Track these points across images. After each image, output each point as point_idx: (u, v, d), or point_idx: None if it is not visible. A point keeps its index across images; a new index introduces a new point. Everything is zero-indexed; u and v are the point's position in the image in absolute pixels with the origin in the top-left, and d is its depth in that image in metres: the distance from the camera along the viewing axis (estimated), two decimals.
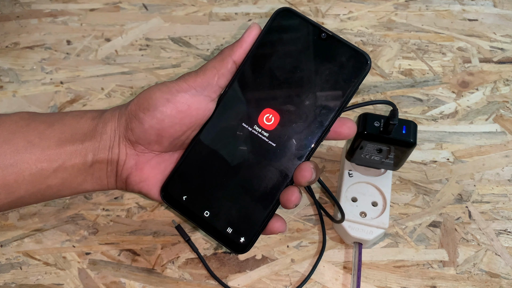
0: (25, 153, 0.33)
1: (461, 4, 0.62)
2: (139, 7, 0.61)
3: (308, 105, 0.33)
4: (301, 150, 0.33)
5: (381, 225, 0.42)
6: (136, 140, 0.35)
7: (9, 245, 0.44)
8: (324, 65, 0.33)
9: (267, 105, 0.34)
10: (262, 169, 0.34)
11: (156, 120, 0.34)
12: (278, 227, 0.35)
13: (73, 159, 0.34)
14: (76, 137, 0.34)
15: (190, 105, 0.34)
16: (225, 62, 0.34)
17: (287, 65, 0.33)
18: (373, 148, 0.41)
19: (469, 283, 0.43)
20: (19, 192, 0.34)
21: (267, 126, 0.34)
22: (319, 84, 0.33)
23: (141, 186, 0.36)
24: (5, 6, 0.61)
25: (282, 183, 0.33)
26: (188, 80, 0.34)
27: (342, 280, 0.43)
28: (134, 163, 0.36)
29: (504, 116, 0.52)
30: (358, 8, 0.61)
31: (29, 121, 0.34)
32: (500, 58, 0.57)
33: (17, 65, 0.56)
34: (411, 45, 0.58)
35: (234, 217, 0.34)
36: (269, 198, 0.34)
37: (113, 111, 0.36)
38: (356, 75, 0.32)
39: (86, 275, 0.43)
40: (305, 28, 0.33)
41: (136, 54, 0.57)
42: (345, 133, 0.34)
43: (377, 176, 0.45)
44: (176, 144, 0.36)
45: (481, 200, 0.47)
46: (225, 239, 0.34)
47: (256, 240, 0.34)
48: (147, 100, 0.34)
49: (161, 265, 0.43)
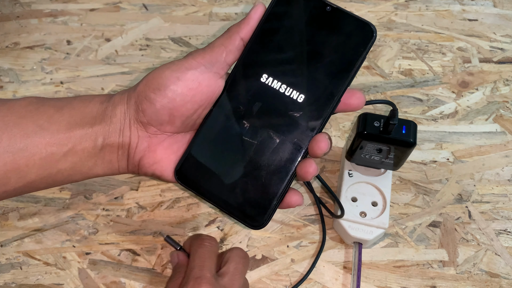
0: (35, 137, 0.33)
1: (461, 4, 0.62)
2: (139, 7, 0.61)
3: (318, 76, 0.33)
4: (314, 121, 0.33)
5: (381, 225, 0.42)
6: (148, 122, 0.35)
7: (9, 245, 0.44)
8: (331, 37, 0.33)
9: (277, 79, 0.34)
10: (275, 143, 0.34)
11: (167, 100, 0.33)
12: (295, 200, 0.34)
13: (83, 143, 0.34)
14: (85, 121, 0.34)
15: (200, 82, 0.34)
16: (232, 39, 0.34)
17: (294, 40, 0.34)
18: (373, 148, 0.41)
19: (469, 283, 0.43)
20: (30, 176, 0.34)
21: (277, 99, 0.34)
22: (328, 55, 0.33)
23: (154, 168, 0.36)
24: (5, 6, 0.61)
25: (297, 155, 0.34)
26: (196, 57, 0.34)
27: (342, 280, 0.43)
28: (147, 145, 0.36)
29: (504, 116, 0.52)
30: (358, 8, 0.61)
31: (37, 106, 0.34)
32: (500, 58, 0.57)
33: (17, 65, 0.56)
34: (411, 45, 0.58)
35: (250, 192, 0.34)
36: (284, 172, 0.34)
37: (121, 94, 0.36)
38: (362, 45, 0.33)
39: (86, 275, 0.43)
40: (310, 3, 0.34)
41: (136, 54, 0.57)
42: (355, 103, 0.34)
43: (377, 176, 0.45)
44: (188, 124, 0.36)
45: (481, 200, 0.47)
46: (242, 215, 0.34)
47: (273, 214, 0.34)
48: (156, 80, 0.34)
49: (161, 265, 0.43)
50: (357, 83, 0.55)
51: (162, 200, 0.47)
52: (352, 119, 0.52)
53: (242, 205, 0.34)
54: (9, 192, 0.34)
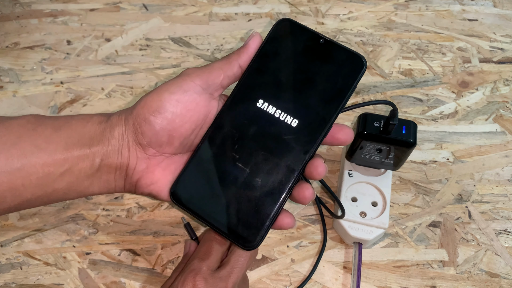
0: (32, 157, 0.33)
1: (461, 4, 0.62)
2: (139, 7, 0.61)
3: (311, 103, 0.35)
4: (307, 145, 0.34)
5: (381, 225, 0.42)
6: (148, 143, 0.35)
7: (9, 245, 0.44)
8: (324, 67, 0.35)
9: (272, 105, 0.35)
10: (269, 165, 0.35)
11: (167, 121, 0.34)
12: (287, 223, 0.35)
13: (80, 164, 0.34)
14: (83, 142, 0.35)
15: (198, 102, 0.34)
16: (231, 65, 0.35)
17: (289, 68, 0.35)
18: (373, 148, 0.41)
19: (469, 283, 0.43)
20: (25, 195, 0.34)
21: (272, 123, 0.35)
22: (320, 84, 0.35)
23: (151, 188, 0.36)
24: (5, 6, 0.61)
25: (290, 178, 0.34)
26: (194, 78, 0.35)
27: (342, 280, 0.43)
28: (145, 167, 0.36)
29: (504, 116, 0.52)
30: (358, 8, 0.61)
31: (35, 125, 0.35)
32: (500, 58, 0.57)
33: (17, 65, 0.56)
34: (411, 45, 0.58)
35: (244, 214, 0.35)
36: (277, 194, 0.34)
37: (119, 115, 0.36)
38: (353, 75, 0.34)
39: (86, 275, 0.43)
40: (304, 35, 0.36)
41: (136, 54, 0.57)
42: (342, 138, 0.35)
43: (377, 176, 0.45)
44: (186, 144, 0.36)
45: (481, 200, 0.47)
46: (235, 236, 0.35)
47: (266, 235, 0.35)
48: (155, 102, 0.34)
49: (161, 265, 0.43)
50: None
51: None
52: (352, 119, 0.52)
53: (235, 226, 0.35)
54: (4, 210, 0.35)
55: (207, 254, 0.36)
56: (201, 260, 0.36)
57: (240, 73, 0.36)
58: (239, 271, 0.36)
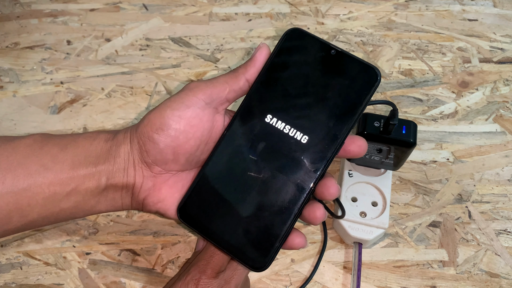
0: (38, 177, 0.33)
1: (461, 4, 0.62)
2: (139, 7, 0.61)
3: (322, 118, 0.33)
4: (317, 163, 0.33)
5: (381, 225, 0.42)
6: (153, 162, 0.35)
7: (9, 245, 0.44)
8: (336, 80, 0.33)
9: (281, 120, 0.34)
10: (278, 184, 0.33)
11: (171, 138, 0.34)
12: (298, 243, 0.34)
13: (87, 183, 0.34)
14: (89, 160, 0.34)
15: (201, 118, 0.34)
16: (238, 79, 0.34)
17: (299, 82, 0.34)
18: (373, 148, 0.41)
19: (469, 283, 0.43)
20: (32, 215, 0.34)
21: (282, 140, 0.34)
22: (332, 98, 0.33)
23: (158, 206, 0.36)
24: (5, 6, 0.61)
25: (300, 197, 0.33)
26: (197, 92, 0.34)
27: (342, 280, 0.43)
28: (152, 185, 0.36)
29: (504, 116, 0.52)
30: (358, 8, 0.61)
31: (42, 144, 0.34)
32: (500, 58, 0.57)
33: (17, 65, 0.56)
34: (411, 45, 0.58)
35: (253, 234, 0.34)
36: (287, 213, 0.33)
37: (125, 132, 0.36)
38: (367, 88, 0.33)
39: (86, 275, 0.43)
40: (315, 46, 0.34)
41: (136, 54, 0.57)
42: (355, 151, 0.34)
43: (377, 176, 0.45)
44: (193, 161, 0.36)
45: (481, 200, 0.47)
46: (244, 257, 0.34)
47: (276, 256, 0.34)
48: (158, 119, 0.34)
49: (161, 265, 0.43)
50: None
51: None
52: None
53: (244, 247, 0.34)
54: (10, 230, 0.34)
55: (213, 256, 0.36)
56: (207, 262, 0.35)
57: (247, 87, 0.35)
58: (242, 273, 0.36)
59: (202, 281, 0.34)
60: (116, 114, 0.52)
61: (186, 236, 0.45)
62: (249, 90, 0.35)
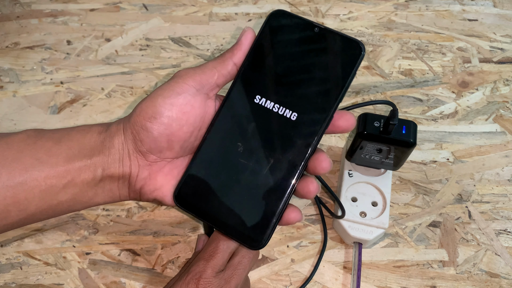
0: (34, 170, 0.33)
1: (461, 4, 0.62)
2: (139, 7, 0.61)
3: (310, 95, 0.34)
4: (308, 138, 0.34)
5: (381, 225, 0.42)
6: (148, 150, 0.35)
7: (9, 245, 0.44)
8: (321, 56, 0.34)
9: (270, 100, 0.35)
10: (271, 162, 0.34)
11: (164, 126, 0.34)
12: (294, 217, 0.35)
13: (82, 175, 0.34)
14: (83, 153, 0.35)
15: (193, 104, 0.34)
16: (226, 64, 0.35)
17: (285, 61, 0.35)
18: (373, 148, 0.41)
19: (469, 283, 0.43)
20: (30, 209, 0.34)
21: (272, 119, 0.35)
22: (318, 74, 0.34)
23: (155, 194, 0.36)
24: (5, 6, 0.61)
25: (293, 173, 0.34)
26: (187, 79, 0.34)
27: (342, 280, 0.43)
28: (148, 174, 0.36)
29: (504, 116, 0.52)
30: (358, 8, 0.61)
31: (36, 139, 0.35)
32: (500, 58, 0.57)
33: (17, 65, 0.56)
34: (411, 45, 0.58)
35: (249, 213, 0.34)
36: (282, 190, 0.34)
37: (118, 124, 0.36)
38: (352, 62, 0.33)
39: (86, 275, 0.43)
40: (299, 25, 0.35)
41: (136, 54, 0.57)
42: (343, 125, 0.34)
43: (377, 176, 0.45)
44: (187, 148, 0.36)
45: (481, 200, 0.47)
46: (242, 236, 0.34)
47: (273, 233, 0.34)
48: (150, 108, 0.34)
49: (161, 265, 0.43)
50: (357, 83, 0.55)
51: None
52: None
53: (242, 227, 0.34)
54: (10, 225, 0.35)
55: (213, 255, 0.36)
56: (206, 262, 0.36)
57: (235, 71, 0.35)
58: (242, 272, 0.36)
59: (202, 280, 0.34)
60: (116, 114, 0.52)
61: (186, 236, 0.45)
62: (237, 74, 0.36)
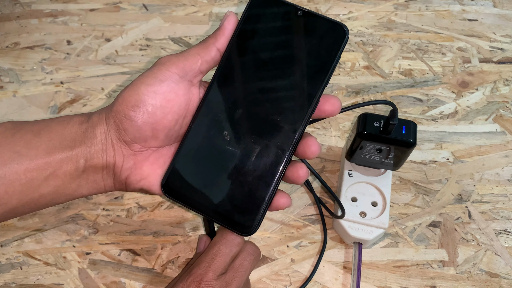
0: (12, 163, 0.33)
1: (461, 4, 0.62)
2: (139, 7, 0.61)
3: (295, 79, 0.34)
4: (295, 123, 0.34)
5: (381, 225, 0.42)
6: (132, 140, 0.34)
7: (9, 245, 0.44)
8: (305, 40, 0.34)
9: (256, 85, 0.34)
10: (259, 148, 0.34)
11: (148, 115, 0.33)
12: (283, 202, 0.35)
13: (64, 167, 0.34)
14: (64, 144, 0.34)
15: (176, 92, 0.34)
16: (209, 49, 0.35)
17: (270, 45, 0.34)
18: (373, 148, 0.41)
19: (469, 283, 0.43)
20: (11, 203, 0.33)
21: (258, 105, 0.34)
22: (303, 58, 0.34)
23: (142, 184, 0.36)
24: (5, 6, 0.61)
25: (282, 158, 0.34)
26: (169, 66, 0.34)
27: (342, 280, 0.43)
28: (133, 163, 0.35)
29: (504, 116, 0.52)
30: (358, 8, 0.61)
31: (14, 131, 0.34)
32: (500, 58, 0.57)
33: (17, 65, 0.56)
34: (411, 45, 0.58)
35: (238, 199, 0.34)
36: (270, 176, 0.34)
37: (99, 113, 0.35)
38: (336, 45, 0.33)
39: (86, 275, 0.43)
40: (282, 9, 0.34)
41: (136, 54, 0.57)
42: (329, 110, 0.34)
43: (377, 176, 0.45)
44: (172, 136, 0.35)
45: (481, 200, 0.47)
46: (232, 223, 0.34)
47: (263, 219, 0.34)
48: (133, 97, 0.33)
49: (161, 265, 0.43)
50: (357, 83, 0.55)
51: (162, 200, 0.47)
52: (352, 119, 0.52)
53: (231, 213, 0.34)
54: None
55: (214, 257, 0.36)
56: (208, 265, 0.35)
57: (219, 57, 0.35)
58: (243, 275, 0.36)
59: (204, 283, 0.34)
60: None
61: (186, 236, 0.45)
62: (220, 59, 0.35)
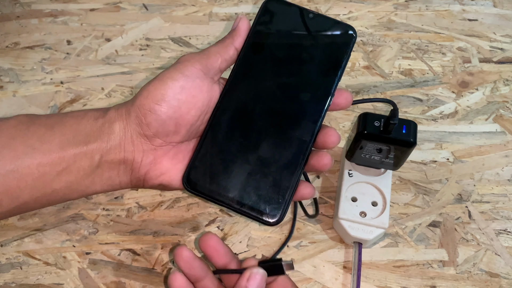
0: (25, 157, 0.32)
1: (461, 4, 0.62)
2: (139, 7, 0.61)
3: (311, 75, 0.36)
4: (314, 115, 0.36)
5: (381, 225, 0.42)
6: (154, 134, 0.34)
7: (9, 245, 0.44)
8: (317, 40, 0.37)
9: (274, 81, 0.36)
10: (281, 140, 0.36)
11: (173, 109, 0.34)
12: (308, 193, 0.35)
13: (78, 162, 0.33)
14: (79, 139, 0.34)
15: (201, 88, 0.34)
16: (228, 49, 0.36)
17: (284, 45, 0.37)
18: (373, 148, 0.41)
19: (469, 283, 0.43)
20: (22, 197, 0.33)
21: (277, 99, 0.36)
22: (317, 56, 0.37)
23: (161, 179, 0.36)
24: (5, 6, 0.61)
25: (303, 148, 0.35)
26: (194, 63, 0.35)
27: (342, 280, 0.43)
28: (153, 159, 0.35)
29: (504, 116, 0.52)
30: (358, 8, 0.61)
31: (28, 125, 0.34)
32: (500, 58, 0.57)
33: (17, 65, 0.56)
34: (411, 45, 0.58)
35: (262, 191, 0.35)
36: (293, 165, 0.35)
37: (117, 109, 0.35)
38: (346, 45, 0.37)
39: (86, 275, 0.43)
40: (293, 12, 0.38)
41: (136, 54, 0.57)
42: (342, 103, 0.36)
43: (377, 176, 0.45)
44: (192, 132, 0.36)
45: (481, 200, 0.47)
46: (258, 214, 0.35)
47: (288, 208, 0.35)
48: (159, 90, 0.33)
49: (161, 265, 0.43)
50: (357, 83, 0.55)
51: (162, 200, 0.47)
52: (352, 119, 0.52)
53: (257, 204, 0.35)
54: (2, 213, 0.34)
55: None
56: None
57: (236, 56, 0.37)
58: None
59: None
60: None
61: (186, 236, 0.45)
62: (237, 58, 0.37)
